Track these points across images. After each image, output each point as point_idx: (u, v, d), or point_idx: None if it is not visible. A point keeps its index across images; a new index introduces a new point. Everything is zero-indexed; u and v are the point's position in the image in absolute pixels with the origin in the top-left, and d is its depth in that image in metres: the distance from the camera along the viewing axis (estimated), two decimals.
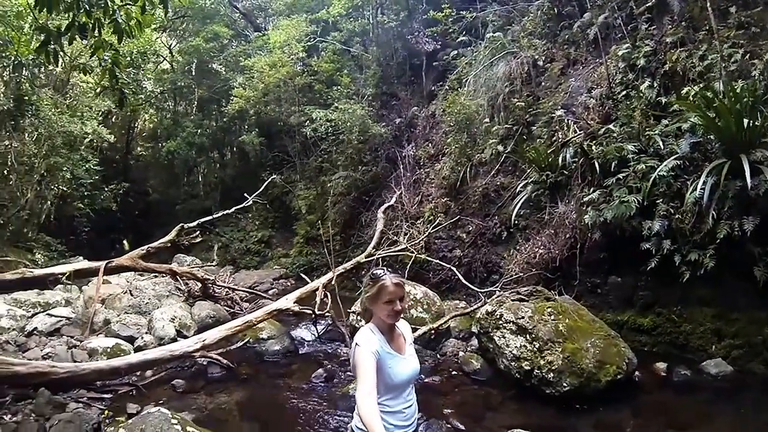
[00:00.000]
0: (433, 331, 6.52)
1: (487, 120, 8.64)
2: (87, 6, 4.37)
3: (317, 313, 7.52)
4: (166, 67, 19.01)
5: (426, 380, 5.55)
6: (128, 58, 14.75)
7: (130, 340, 6.59)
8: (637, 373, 5.11)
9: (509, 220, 7.63)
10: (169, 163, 19.00)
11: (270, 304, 7.70)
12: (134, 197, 18.80)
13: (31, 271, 7.92)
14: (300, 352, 7.12)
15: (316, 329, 7.72)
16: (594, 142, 6.57)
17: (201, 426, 3.98)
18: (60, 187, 13.06)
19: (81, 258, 11.74)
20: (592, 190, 6.30)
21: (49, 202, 12.88)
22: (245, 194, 13.06)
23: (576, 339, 4.96)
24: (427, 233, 9.21)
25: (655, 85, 6.41)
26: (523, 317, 5.21)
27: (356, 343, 2.10)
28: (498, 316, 5.41)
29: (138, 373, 5.55)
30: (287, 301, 7.73)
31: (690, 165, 5.62)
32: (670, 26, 6.63)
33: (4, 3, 8.97)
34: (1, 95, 10.56)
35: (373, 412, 1.91)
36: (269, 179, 13.99)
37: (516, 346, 5.09)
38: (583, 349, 4.85)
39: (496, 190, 8.50)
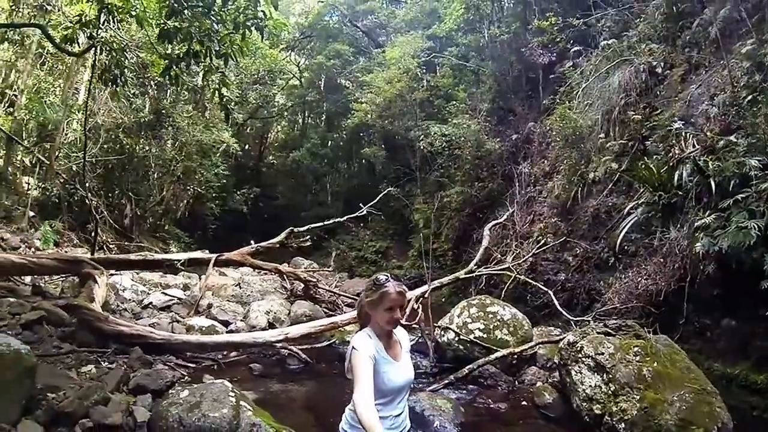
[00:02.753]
0: (515, 356, 6.26)
1: (602, 135, 8.00)
2: (198, 37, 5.50)
3: (403, 323, 7.77)
4: (296, 83, 21.20)
5: (491, 406, 5.42)
6: (256, 76, 17.20)
7: (225, 324, 7.50)
8: None
9: (616, 245, 6.94)
10: (295, 171, 21.01)
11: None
12: (264, 202, 20.96)
13: (153, 255, 9.40)
14: None
15: None
16: (711, 156, 5.66)
17: (261, 407, 4.43)
18: (195, 188, 15.65)
19: (207, 251, 13.71)
20: (707, 213, 5.45)
21: (185, 201, 15.57)
22: (359, 204, 13.88)
23: (660, 388, 4.31)
24: (531, 254, 8.87)
25: None
26: (603, 353, 4.73)
27: (353, 347, 2.11)
28: (578, 349, 5.00)
29: (224, 352, 6.29)
30: None
31: None
32: None
33: (140, 35, 10.47)
34: (146, 110, 13.08)
35: (372, 413, 1.91)
36: (385, 191, 14.73)
37: (590, 385, 4.65)
38: (666, 402, 4.18)
39: (607, 212, 7.82)
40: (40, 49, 10.11)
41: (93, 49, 6.64)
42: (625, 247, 6.92)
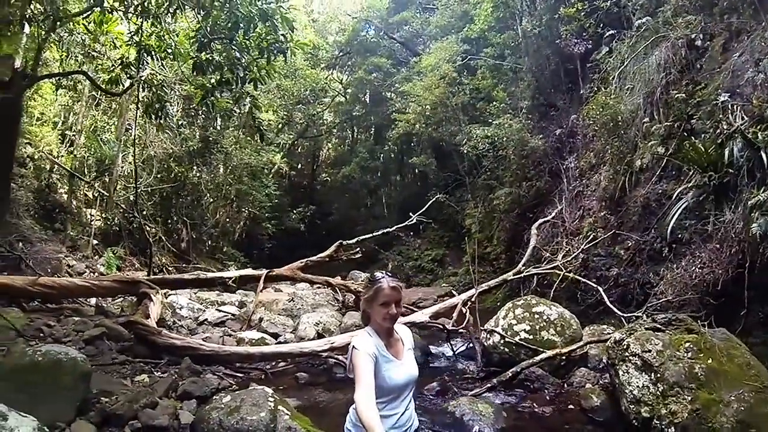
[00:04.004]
0: (563, 358, 6.13)
1: (646, 120, 7.71)
2: (227, 66, 5.99)
3: (449, 329, 7.82)
4: (341, 100, 21.85)
5: (535, 410, 5.31)
6: (299, 97, 17.94)
7: (275, 336, 7.91)
8: None
9: (667, 234, 6.64)
10: (348, 187, 21.61)
11: (404, 318, 8.43)
12: (320, 219, 21.60)
13: (205, 274, 10.04)
14: (431, 365, 7.39)
15: (450, 345, 7.93)
16: (761, 126, 5.31)
17: (303, 414, 4.67)
18: (249, 209, 16.46)
19: (262, 269, 14.22)
20: (761, 189, 5.13)
21: (240, 222, 16.42)
22: (410, 213, 14.11)
23: (715, 387, 4.01)
24: (580, 250, 8.64)
25: None
26: (650, 351, 4.45)
27: (353, 346, 2.13)
28: (624, 347, 4.76)
29: (273, 363, 6.61)
30: (423, 315, 8.25)
31: None
32: None
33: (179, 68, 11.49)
34: (195, 137, 14.00)
35: (373, 412, 1.92)
36: (433, 198, 14.88)
37: (638, 386, 4.40)
38: (721, 402, 3.86)
39: (657, 200, 7.49)
40: (93, 92, 11.28)
41: (135, 87, 7.36)
42: (679, 236, 6.60)
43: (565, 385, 5.89)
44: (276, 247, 18.72)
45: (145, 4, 6.40)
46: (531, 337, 6.31)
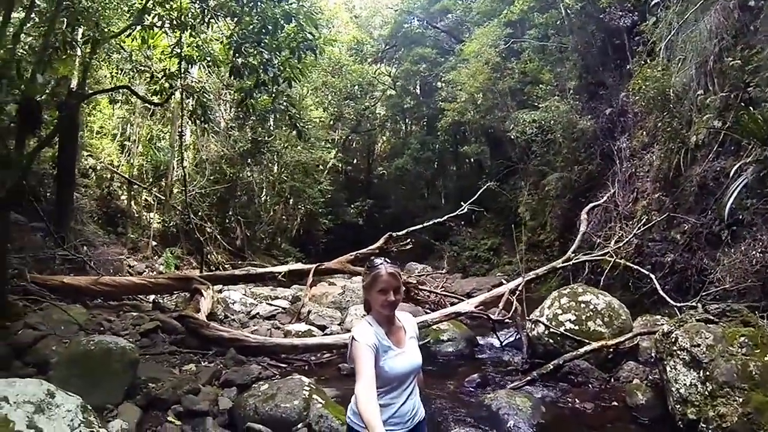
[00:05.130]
0: (610, 350, 5.94)
1: (700, 92, 7.25)
2: (262, 68, 6.31)
3: (494, 319, 7.78)
4: (392, 93, 22.06)
5: (577, 405, 5.20)
6: (346, 92, 18.31)
7: (322, 328, 8.19)
8: None
9: (724, 215, 6.24)
10: (404, 179, 21.85)
11: (449, 308, 8.48)
12: (378, 212, 22.03)
13: (255, 270, 10.50)
14: (477, 356, 7.47)
15: (497, 336, 7.89)
16: None
17: (341, 404, 4.74)
18: (306, 206, 17.02)
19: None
20: None
21: (297, 219, 17.00)
22: (462, 203, 14.07)
23: None
24: (632, 234, 8.29)
25: None
26: (699, 345, 4.14)
27: (352, 337, 2.14)
28: (672, 340, 4.44)
29: (317, 354, 6.89)
30: (468, 305, 8.24)
31: None
32: None
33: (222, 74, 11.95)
34: (244, 139, 14.64)
35: (372, 406, 1.91)
36: (484, 186, 14.75)
37: (685, 384, 4.13)
38: None
39: (715, 178, 7.05)
40: (146, 104, 12.24)
41: (178, 95, 7.92)
42: (739, 216, 6.19)
43: (612, 380, 5.70)
44: (333, 242, 19.08)
45: (182, 17, 6.87)
46: (576, 327, 6.15)
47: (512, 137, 13.09)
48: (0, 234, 5.14)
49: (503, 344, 7.68)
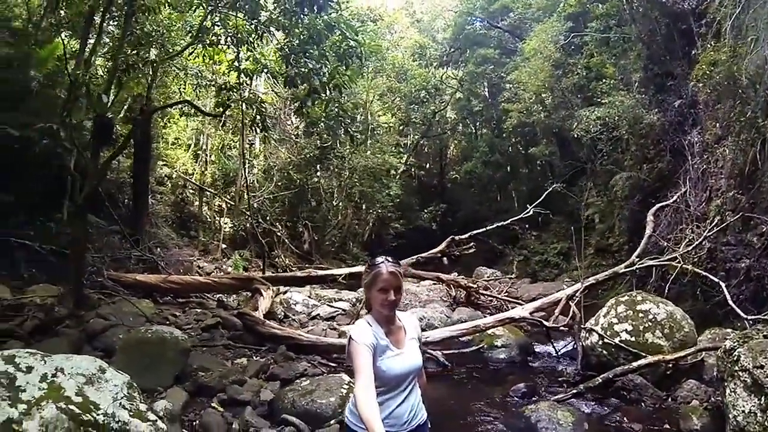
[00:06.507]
0: (669, 366, 5.51)
1: None
2: (314, 76, 6.64)
3: (548, 326, 7.55)
4: (460, 96, 21.92)
5: (624, 425, 4.89)
6: (413, 96, 18.45)
7: None
8: None
9: None
10: (474, 183, 21.66)
11: (501, 313, 8.35)
12: (450, 216, 21.91)
13: (317, 272, 10.90)
14: (530, 364, 7.29)
15: (552, 344, 7.64)
16: None
17: None
18: (377, 211, 17.33)
19: None
20: None
21: (370, 223, 17.33)
22: (527, 205, 13.73)
23: None
24: (703, 237, 7.66)
25: None
26: (763, 367, 3.70)
27: (350, 336, 2.13)
28: (735, 359, 3.99)
29: None
30: (522, 311, 8.09)
31: None
32: None
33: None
34: (311, 146, 15.17)
35: (372, 407, 1.91)
36: (549, 189, 14.29)
37: (743, 411, 3.70)
38: None
39: None
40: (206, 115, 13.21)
41: (234, 107, 8.51)
42: None
43: (669, 399, 5.27)
44: (404, 246, 18.86)
45: (238, 34, 7.40)
46: (633, 339, 5.77)
47: (576, 136, 12.58)
48: (78, 234, 5.86)
49: (559, 353, 7.40)
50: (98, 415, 2.87)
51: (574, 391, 5.43)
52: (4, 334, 4.92)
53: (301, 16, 6.28)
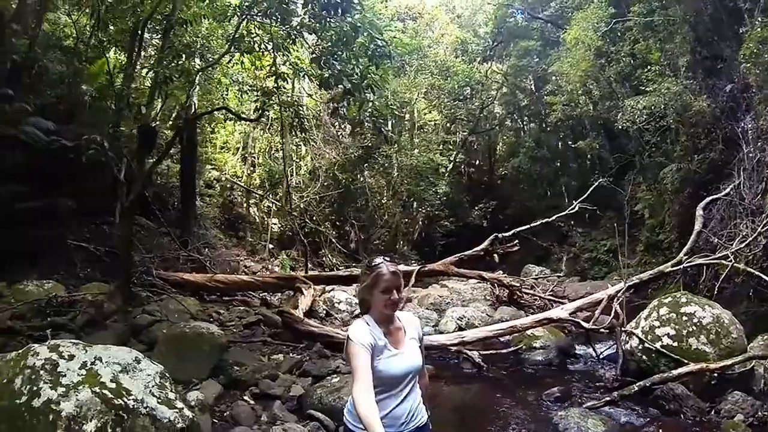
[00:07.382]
0: (714, 374, 5.09)
1: None
2: (346, 77, 6.74)
3: (587, 327, 7.28)
4: (506, 91, 21.44)
5: None
6: (457, 92, 18.23)
7: None
8: None
9: None
10: (523, 178, 21.19)
11: (540, 313, 8.12)
12: (501, 213, 21.38)
13: (351, 271, 11.04)
14: (568, 367, 7.04)
15: (592, 346, 7.33)
16: None
17: None
18: (426, 209, 17.27)
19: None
20: None
21: (420, 222, 17.26)
22: (573, 201, 13.33)
23: None
24: (757, 233, 7.13)
25: None
26: None
27: (348, 337, 2.11)
28: None
29: None
30: (561, 311, 7.84)
31: None
32: None
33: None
34: (355, 146, 15.28)
35: (371, 407, 1.90)
36: (596, 183, 13.79)
37: None
38: None
39: None
40: (263, 119, 13.67)
41: (274, 111, 8.78)
42: None
43: (712, 412, 4.84)
44: (452, 244, 18.55)
45: (272, 40, 7.62)
46: (675, 344, 5.38)
47: (620, 127, 12.01)
48: (126, 235, 6.28)
49: (600, 356, 7.05)
50: (129, 400, 3.08)
51: (608, 398, 5.17)
52: (57, 328, 5.34)
53: (328, 19, 6.39)
